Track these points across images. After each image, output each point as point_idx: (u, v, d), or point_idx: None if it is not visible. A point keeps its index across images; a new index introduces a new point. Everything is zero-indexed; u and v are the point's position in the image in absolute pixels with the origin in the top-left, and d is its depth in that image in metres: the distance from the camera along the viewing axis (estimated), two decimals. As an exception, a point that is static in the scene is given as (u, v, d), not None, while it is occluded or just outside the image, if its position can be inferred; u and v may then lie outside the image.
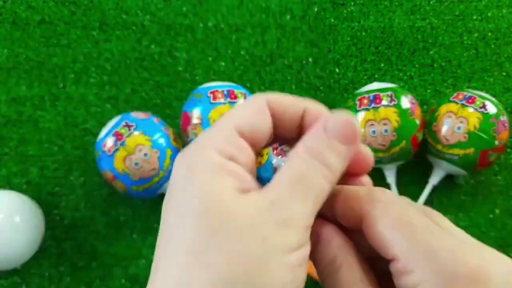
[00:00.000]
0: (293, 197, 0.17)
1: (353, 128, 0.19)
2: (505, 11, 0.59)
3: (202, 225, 0.17)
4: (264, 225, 0.17)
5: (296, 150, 0.19)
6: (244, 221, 0.17)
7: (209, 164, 0.18)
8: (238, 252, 0.16)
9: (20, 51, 0.55)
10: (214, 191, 0.17)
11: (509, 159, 0.52)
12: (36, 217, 0.46)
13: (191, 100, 0.47)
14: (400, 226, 0.17)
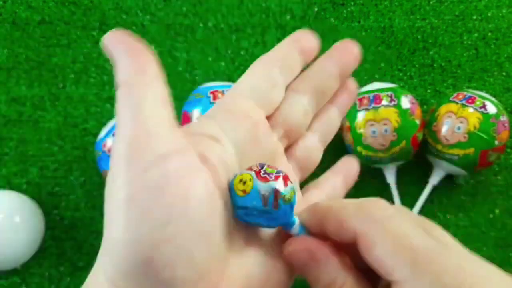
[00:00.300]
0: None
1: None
2: (505, 11, 0.59)
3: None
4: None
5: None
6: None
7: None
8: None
9: (20, 51, 0.55)
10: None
11: (509, 159, 0.52)
12: (36, 217, 0.46)
13: (191, 100, 0.47)
14: (400, 251, 0.16)
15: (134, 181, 0.16)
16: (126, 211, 0.16)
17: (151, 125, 0.17)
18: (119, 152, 0.17)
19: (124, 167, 0.16)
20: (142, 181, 0.16)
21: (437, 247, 0.16)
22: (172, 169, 0.16)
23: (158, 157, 0.16)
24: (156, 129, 0.17)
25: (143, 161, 0.16)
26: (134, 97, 0.17)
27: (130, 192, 0.16)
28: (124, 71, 0.18)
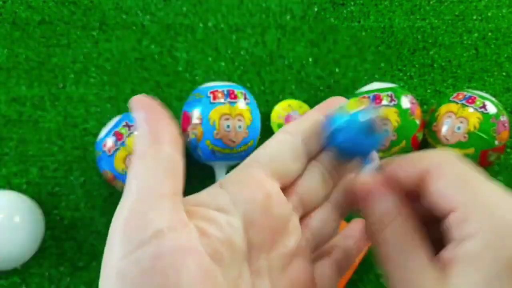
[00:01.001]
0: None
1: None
2: (505, 11, 0.59)
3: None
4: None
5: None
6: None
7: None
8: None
9: (20, 51, 0.55)
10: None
11: (509, 159, 0.53)
12: (36, 217, 0.46)
13: (191, 100, 0.47)
14: (466, 180, 0.18)
15: (127, 258, 0.16)
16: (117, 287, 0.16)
17: (153, 198, 0.17)
18: (118, 222, 0.17)
19: (119, 240, 0.16)
20: (134, 258, 0.16)
21: (496, 188, 0.18)
22: (166, 247, 0.16)
23: (153, 234, 0.16)
24: (157, 202, 0.17)
25: (138, 237, 0.16)
26: (143, 167, 0.18)
27: (122, 268, 0.16)
28: (141, 139, 0.19)
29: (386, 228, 0.19)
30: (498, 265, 0.15)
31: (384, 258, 0.19)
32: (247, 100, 0.47)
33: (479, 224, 0.16)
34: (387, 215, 0.19)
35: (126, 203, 0.17)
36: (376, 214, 0.19)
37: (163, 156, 0.18)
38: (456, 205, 0.17)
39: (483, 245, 0.16)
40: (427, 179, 0.18)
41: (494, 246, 0.16)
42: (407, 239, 0.18)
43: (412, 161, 0.19)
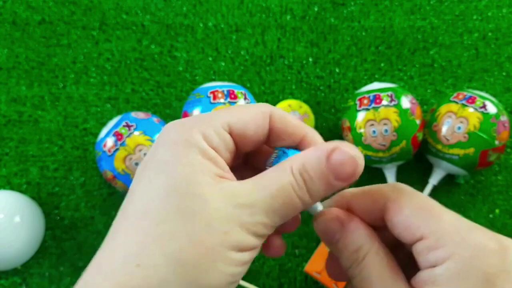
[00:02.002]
0: (266, 208, 0.18)
1: (357, 170, 0.19)
2: (505, 11, 0.59)
3: (172, 201, 0.18)
4: (231, 222, 0.18)
5: (291, 163, 0.19)
6: (213, 212, 0.18)
7: (193, 147, 0.19)
8: (199, 238, 0.17)
9: (20, 51, 0.55)
10: (192, 174, 0.18)
11: (509, 159, 0.52)
12: (36, 217, 0.46)
13: (191, 100, 0.47)
14: (427, 210, 0.19)
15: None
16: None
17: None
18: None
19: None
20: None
21: (456, 216, 0.19)
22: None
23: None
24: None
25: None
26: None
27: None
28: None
29: (364, 259, 0.19)
30: (473, 283, 0.16)
31: (363, 286, 0.19)
32: (247, 100, 0.47)
33: (449, 250, 0.17)
34: (363, 246, 0.20)
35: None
36: (351, 247, 0.20)
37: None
38: (423, 234, 0.18)
39: (456, 268, 0.17)
40: (389, 213, 0.19)
41: (466, 267, 0.17)
42: (385, 267, 0.19)
43: (369, 198, 0.20)
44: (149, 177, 0.19)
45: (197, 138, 0.19)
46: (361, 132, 0.45)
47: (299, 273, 0.47)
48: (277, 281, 0.47)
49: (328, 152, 0.19)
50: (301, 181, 0.19)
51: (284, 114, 0.21)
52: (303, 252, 0.48)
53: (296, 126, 0.21)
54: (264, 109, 0.20)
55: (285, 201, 0.18)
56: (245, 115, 0.20)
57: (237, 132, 0.20)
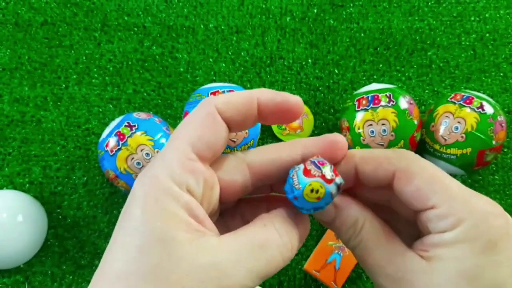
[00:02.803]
0: (243, 270, 0.17)
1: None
2: (502, 12, 0.59)
3: (148, 263, 0.16)
4: (209, 286, 0.17)
5: (271, 216, 0.19)
6: (190, 275, 0.17)
7: (165, 198, 0.17)
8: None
9: (23, 52, 0.56)
10: (166, 233, 0.17)
11: (506, 158, 0.53)
12: (39, 216, 0.47)
13: (192, 101, 0.47)
14: (436, 180, 0.19)
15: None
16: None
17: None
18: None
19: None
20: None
21: (462, 186, 0.19)
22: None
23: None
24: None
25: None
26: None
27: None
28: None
29: (361, 230, 0.20)
30: (480, 244, 0.18)
31: (365, 255, 0.20)
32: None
33: (459, 217, 0.18)
34: (358, 219, 0.21)
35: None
36: (348, 222, 0.21)
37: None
38: (434, 204, 0.19)
39: (464, 233, 0.18)
40: (399, 182, 0.20)
41: (473, 232, 0.18)
42: (381, 234, 0.20)
43: (377, 164, 0.21)
44: (124, 237, 0.17)
45: (167, 184, 0.18)
46: (359, 132, 0.46)
47: (298, 271, 0.48)
48: (276, 279, 0.48)
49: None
50: (285, 238, 0.19)
51: (226, 98, 0.20)
52: (303, 250, 0.49)
53: (244, 100, 0.20)
54: (208, 109, 0.20)
55: (268, 259, 0.18)
56: (198, 126, 0.19)
57: (203, 150, 0.19)
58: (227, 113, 0.20)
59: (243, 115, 0.20)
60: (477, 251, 0.18)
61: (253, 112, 0.20)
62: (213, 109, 0.20)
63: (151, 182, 0.18)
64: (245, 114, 0.20)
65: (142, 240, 0.17)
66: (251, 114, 0.20)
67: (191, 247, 0.17)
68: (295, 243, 0.20)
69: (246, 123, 0.21)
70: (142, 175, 0.19)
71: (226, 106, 0.20)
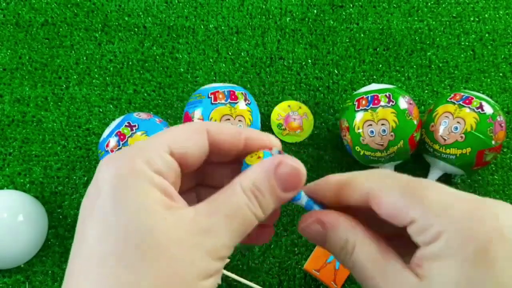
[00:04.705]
0: (225, 229, 0.18)
1: (301, 179, 0.20)
2: (502, 12, 0.60)
3: (129, 244, 0.17)
4: (194, 251, 0.17)
5: (241, 181, 0.19)
6: (175, 245, 0.17)
7: (139, 177, 0.18)
8: (167, 278, 0.17)
9: (24, 52, 0.56)
10: (145, 208, 0.17)
11: (506, 158, 0.53)
12: (39, 216, 0.47)
13: (192, 101, 0.48)
14: (410, 193, 0.19)
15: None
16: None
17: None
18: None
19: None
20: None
21: (444, 188, 0.19)
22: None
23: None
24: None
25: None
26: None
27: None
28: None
29: (353, 251, 0.20)
30: (468, 254, 0.17)
31: (362, 275, 0.20)
32: (247, 101, 0.48)
33: (439, 227, 0.18)
34: (348, 239, 0.20)
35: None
36: (338, 243, 0.21)
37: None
38: (411, 218, 0.18)
39: (450, 242, 0.17)
40: (373, 202, 0.20)
41: (459, 240, 0.17)
42: (375, 252, 0.20)
43: (351, 189, 0.21)
44: (99, 219, 0.17)
45: (142, 166, 0.18)
46: (359, 132, 0.46)
47: (298, 270, 0.48)
48: (276, 278, 0.48)
49: (275, 166, 0.20)
50: (253, 199, 0.19)
51: (219, 125, 0.21)
52: (302, 250, 0.49)
53: (235, 135, 0.21)
54: (198, 126, 0.21)
55: (242, 220, 0.19)
56: (182, 135, 0.20)
57: (178, 153, 0.20)
58: (215, 136, 0.21)
59: (228, 147, 0.21)
60: (466, 263, 0.17)
61: (238, 148, 0.22)
62: (202, 128, 0.21)
63: (126, 163, 0.18)
64: (230, 147, 0.21)
65: (123, 220, 0.17)
66: (235, 150, 0.21)
67: (171, 221, 0.17)
68: (263, 200, 0.20)
69: (229, 155, 0.22)
70: (115, 156, 0.19)
71: (216, 130, 0.21)
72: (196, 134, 0.20)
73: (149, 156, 0.19)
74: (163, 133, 0.20)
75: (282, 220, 0.50)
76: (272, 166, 0.20)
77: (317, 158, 0.52)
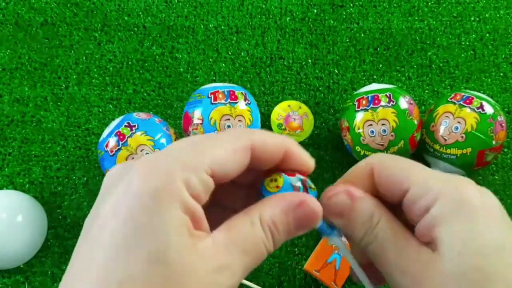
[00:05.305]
0: (240, 267, 0.18)
1: (316, 221, 0.20)
2: (502, 12, 0.60)
3: (155, 272, 0.16)
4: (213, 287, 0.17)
5: (260, 214, 0.19)
6: (196, 280, 0.17)
7: (174, 199, 0.17)
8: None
9: (23, 52, 0.56)
10: (170, 237, 0.17)
11: (506, 159, 0.53)
12: (39, 216, 0.47)
13: (192, 101, 0.48)
14: (408, 165, 0.21)
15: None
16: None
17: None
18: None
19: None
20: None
21: (441, 173, 0.21)
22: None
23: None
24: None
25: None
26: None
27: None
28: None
29: (377, 225, 0.21)
30: (465, 216, 0.18)
31: (380, 252, 0.20)
32: (247, 101, 0.48)
33: (436, 190, 0.19)
34: (374, 213, 0.21)
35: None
36: (364, 215, 0.21)
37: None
38: (409, 184, 0.20)
39: (447, 204, 0.19)
40: (375, 173, 0.22)
41: (456, 202, 0.19)
42: (398, 230, 0.21)
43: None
44: (124, 239, 0.17)
45: (180, 187, 0.17)
46: (359, 132, 0.46)
47: (298, 271, 0.48)
48: (277, 279, 0.48)
49: (295, 205, 0.20)
50: (269, 235, 0.19)
51: (264, 138, 0.20)
52: (303, 250, 0.49)
53: (277, 146, 0.21)
54: (245, 143, 0.20)
55: (256, 255, 0.19)
56: (227, 154, 0.19)
57: (219, 175, 0.19)
58: (259, 150, 0.20)
59: (269, 157, 0.21)
60: (465, 220, 0.18)
61: (277, 158, 0.21)
62: (248, 143, 0.20)
63: (164, 180, 0.17)
64: (271, 157, 0.21)
65: (151, 246, 0.16)
66: (275, 159, 0.21)
67: (194, 255, 0.17)
68: (278, 237, 0.20)
69: (267, 165, 0.21)
70: (151, 166, 0.18)
71: (262, 143, 0.20)
72: (241, 153, 0.19)
73: (189, 175, 0.17)
74: (206, 147, 0.19)
75: (282, 220, 0.50)
76: (293, 205, 0.20)
77: (318, 158, 0.52)
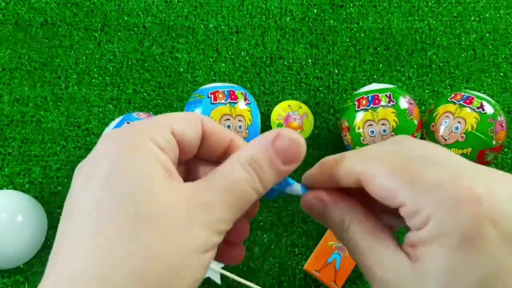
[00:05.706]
0: (223, 204, 0.19)
1: (301, 151, 0.20)
2: (502, 12, 0.60)
3: (128, 212, 0.17)
4: (193, 224, 0.18)
5: (239, 156, 0.19)
6: (175, 217, 0.17)
7: (143, 150, 0.18)
8: (160, 248, 0.17)
9: (23, 52, 0.56)
10: (147, 177, 0.18)
11: (507, 159, 0.53)
12: (39, 216, 0.47)
13: (192, 101, 0.48)
14: (398, 174, 0.19)
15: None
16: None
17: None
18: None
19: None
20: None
21: (432, 164, 0.19)
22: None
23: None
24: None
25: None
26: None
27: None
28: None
29: (349, 228, 0.21)
30: (456, 239, 0.17)
31: (355, 252, 0.21)
32: (247, 101, 0.48)
33: (429, 210, 0.17)
34: (345, 217, 0.21)
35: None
36: (336, 219, 0.21)
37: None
38: (402, 199, 0.18)
39: (437, 229, 0.17)
40: (366, 179, 0.20)
41: (446, 227, 0.17)
42: (369, 232, 0.20)
43: (342, 171, 0.21)
44: (97, 187, 0.18)
45: (145, 141, 0.19)
46: (359, 132, 0.46)
47: (298, 271, 0.48)
48: (277, 279, 0.48)
49: (272, 139, 0.19)
50: (252, 173, 0.19)
51: (212, 121, 0.22)
52: (303, 250, 0.49)
53: (224, 131, 0.22)
54: (195, 115, 0.21)
55: (240, 194, 0.19)
56: (181, 119, 0.20)
57: (178, 134, 0.20)
58: (208, 127, 0.21)
59: (217, 141, 0.22)
60: (453, 248, 0.17)
61: (224, 144, 0.22)
62: (198, 118, 0.21)
63: (138, 139, 0.18)
64: (219, 141, 0.22)
65: (127, 188, 0.17)
66: (222, 145, 0.22)
67: (173, 191, 0.18)
68: (263, 174, 0.20)
69: (215, 150, 0.22)
70: (126, 131, 0.19)
71: (209, 122, 0.21)
72: (193, 121, 0.21)
73: (152, 133, 0.19)
74: (163, 115, 0.20)
75: (282, 220, 0.50)
76: (270, 138, 0.19)
77: (318, 158, 0.52)
